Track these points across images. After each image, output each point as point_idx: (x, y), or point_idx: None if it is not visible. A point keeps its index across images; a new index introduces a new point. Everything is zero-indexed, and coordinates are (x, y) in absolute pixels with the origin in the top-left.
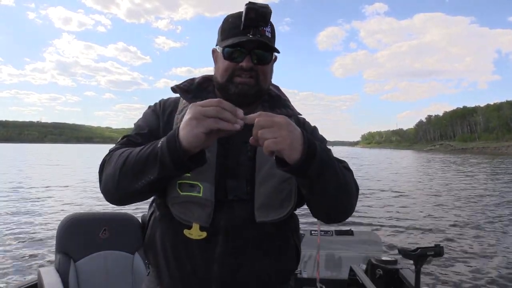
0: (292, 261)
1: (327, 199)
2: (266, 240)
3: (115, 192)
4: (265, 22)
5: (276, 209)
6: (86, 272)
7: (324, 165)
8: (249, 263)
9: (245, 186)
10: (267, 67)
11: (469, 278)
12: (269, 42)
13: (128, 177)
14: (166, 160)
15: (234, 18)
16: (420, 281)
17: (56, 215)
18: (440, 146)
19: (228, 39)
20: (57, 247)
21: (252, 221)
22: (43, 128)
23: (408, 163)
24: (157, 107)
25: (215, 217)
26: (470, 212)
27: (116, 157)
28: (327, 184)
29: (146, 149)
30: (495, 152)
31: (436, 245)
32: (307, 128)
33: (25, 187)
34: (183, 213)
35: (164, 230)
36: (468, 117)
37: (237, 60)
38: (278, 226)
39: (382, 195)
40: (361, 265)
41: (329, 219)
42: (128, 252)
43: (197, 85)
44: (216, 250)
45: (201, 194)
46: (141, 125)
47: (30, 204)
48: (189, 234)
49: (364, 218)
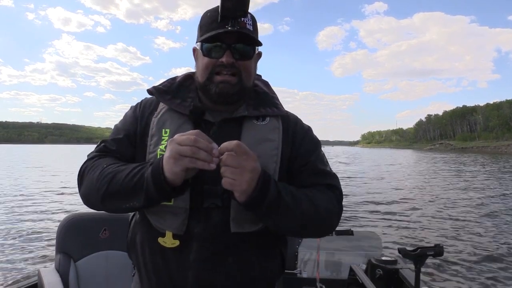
0: (273, 268)
1: (284, 231)
2: (244, 248)
3: (98, 206)
4: (243, 11)
5: (252, 221)
6: (86, 272)
7: (273, 209)
8: (225, 271)
9: (222, 193)
10: (249, 63)
11: (469, 278)
12: (250, 34)
13: (113, 199)
14: (151, 192)
15: (212, 12)
16: (420, 281)
17: (56, 215)
18: (440, 145)
19: (206, 34)
20: (57, 247)
21: (226, 229)
22: (43, 129)
23: (408, 163)
24: (137, 109)
25: (190, 224)
26: (470, 212)
27: (98, 173)
28: (280, 222)
29: (132, 177)
30: (495, 151)
31: (436, 245)
32: (299, 129)
33: (25, 187)
34: (157, 221)
35: (143, 234)
36: (468, 116)
37: (216, 56)
38: (258, 233)
39: (382, 195)
40: (361, 265)
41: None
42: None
43: (178, 84)
44: (191, 257)
45: (172, 202)
46: (119, 129)
47: (30, 204)
48: (163, 242)
49: (364, 218)
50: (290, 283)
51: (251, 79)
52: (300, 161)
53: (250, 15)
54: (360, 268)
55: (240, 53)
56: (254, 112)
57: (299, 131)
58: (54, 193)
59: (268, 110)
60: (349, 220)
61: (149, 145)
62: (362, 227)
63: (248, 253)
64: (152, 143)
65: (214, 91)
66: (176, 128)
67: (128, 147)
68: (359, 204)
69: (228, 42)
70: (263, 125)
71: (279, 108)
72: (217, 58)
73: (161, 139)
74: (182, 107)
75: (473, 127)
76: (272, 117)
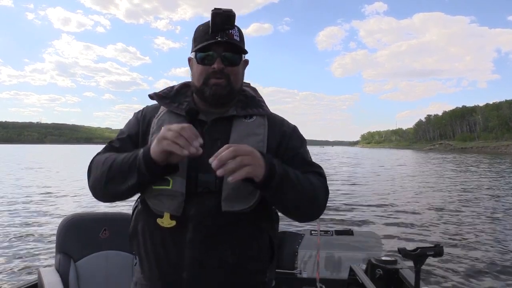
0: (263, 249)
1: (288, 206)
2: (234, 228)
3: (103, 192)
4: (230, 24)
5: (242, 200)
6: (86, 272)
7: (284, 179)
8: (218, 249)
9: (215, 179)
10: (237, 69)
11: (469, 278)
12: (237, 43)
13: (114, 182)
14: (142, 170)
15: (204, 26)
16: (420, 281)
17: (57, 215)
18: (439, 145)
19: (199, 45)
20: (57, 247)
21: (219, 211)
22: (43, 129)
23: (409, 163)
24: (139, 115)
25: (186, 207)
26: (470, 212)
27: (102, 162)
28: (286, 195)
29: (128, 159)
30: (494, 152)
31: (436, 244)
32: (286, 127)
33: (25, 187)
34: (156, 204)
35: (144, 221)
36: (468, 116)
37: (209, 63)
38: (247, 215)
39: (382, 195)
40: (361, 265)
41: (294, 219)
42: (128, 252)
43: (175, 91)
44: (187, 236)
45: (171, 186)
46: (123, 131)
47: (30, 204)
48: (161, 222)
49: (364, 218)
50: (290, 283)
51: (239, 82)
52: (289, 152)
53: (237, 28)
54: (360, 268)
55: (229, 61)
56: (242, 112)
57: (286, 129)
58: (54, 193)
59: (254, 110)
60: (349, 220)
61: (150, 141)
62: (362, 227)
63: (238, 233)
64: (153, 139)
65: (209, 93)
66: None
67: (131, 145)
68: (359, 204)
69: (218, 51)
70: (251, 122)
71: (264, 108)
72: (210, 65)
73: None
74: (179, 109)
75: (472, 128)
76: (259, 116)
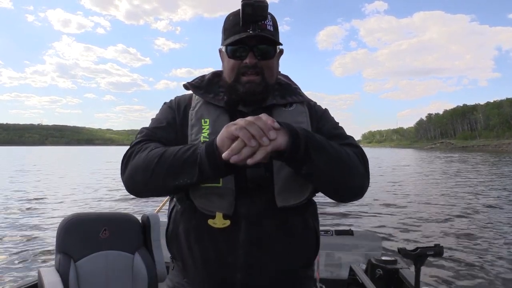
0: (312, 244)
1: (327, 180)
2: (288, 225)
3: (143, 186)
4: (262, 16)
5: (296, 194)
6: (86, 272)
7: (312, 143)
8: (272, 247)
9: (264, 173)
10: (271, 62)
11: (469, 278)
12: (270, 36)
13: (162, 176)
14: (205, 165)
15: (234, 16)
16: (420, 281)
17: (57, 215)
18: (440, 144)
19: (229, 38)
20: (57, 247)
21: (273, 207)
22: (44, 130)
23: (411, 163)
24: (172, 103)
25: (237, 205)
26: (470, 211)
27: (147, 152)
28: (320, 164)
29: (183, 152)
30: (495, 150)
31: (436, 244)
32: (317, 110)
33: (25, 187)
34: (205, 204)
35: (187, 222)
36: (468, 115)
37: (241, 57)
38: (298, 210)
39: (382, 195)
40: (361, 265)
41: (339, 196)
42: (128, 252)
43: (207, 81)
44: (240, 236)
45: (221, 183)
46: (160, 119)
47: (30, 204)
48: (213, 223)
49: (364, 218)
50: None
51: (274, 76)
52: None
53: (270, 16)
54: (360, 268)
55: (262, 54)
56: (282, 100)
57: (317, 112)
58: (54, 193)
59: (293, 98)
60: (349, 220)
61: (190, 134)
62: (362, 227)
63: (291, 230)
64: (194, 133)
65: (242, 91)
66: (215, 118)
67: (172, 134)
68: (359, 204)
69: (250, 44)
70: (291, 111)
71: (303, 95)
72: (241, 59)
73: (201, 128)
74: (217, 100)
75: (473, 126)
76: (298, 103)
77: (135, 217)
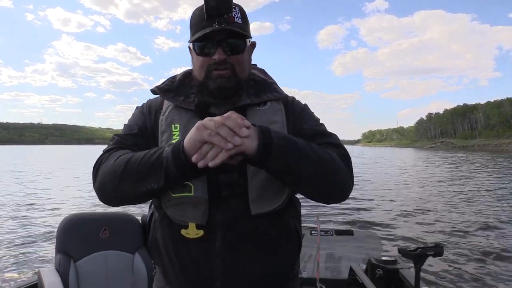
0: (293, 246)
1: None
2: (266, 230)
3: (113, 194)
4: (227, 8)
5: (271, 200)
6: (86, 272)
7: (284, 147)
8: (250, 255)
9: (238, 180)
10: (241, 56)
11: (469, 277)
12: (238, 29)
13: (129, 182)
14: (170, 166)
15: (200, 10)
16: (420, 281)
17: (56, 215)
18: (441, 143)
19: (196, 34)
20: (57, 247)
21: (248, 214)
22: (44, 129)
23: (411, 163)
24: (144, 108)
25: (211, 214)
26: (470, 211)
27: (114, 159)
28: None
29: (150, 156)
30: (496, 149)
31: (436, 244)
32: (296, 106)
33: (25, 187)
34: (177, 214)
35: (164, 231)
36: (469, 114)
37: (209, 54)
38: (277, 213)
39: (382, 195)
40: (361, 265)
41: (322, 200)
42: (128, 252)
43: (178, 82)
44: (216, 245)
45: (192, 193)
46: (131, 125)
47: (30, 204)
48: (186, 234)
49: (364, 218)
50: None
51: (246, 71)
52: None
53: (238, 7)
54: (360, 268)
55: (231, 49)
56: (256, 99)
57: (295, 108)
58: (54, 193)
59: (268, 95)
60: (349, 220)
61: (161, 141)
62: (362, 227)
63: (270, 234)
64: (164, 139)
65: (213, 87)
66: (185, 123)
67: (144, 140)
68: (359, 204)
69: (218, 39)
70: (265, 109)
71: (279, 92)
72: (210, 56)
73: (171, 134)
74: (187, 103)
75: (474, 125)
76: (273, 101)
77: (135, 217)
